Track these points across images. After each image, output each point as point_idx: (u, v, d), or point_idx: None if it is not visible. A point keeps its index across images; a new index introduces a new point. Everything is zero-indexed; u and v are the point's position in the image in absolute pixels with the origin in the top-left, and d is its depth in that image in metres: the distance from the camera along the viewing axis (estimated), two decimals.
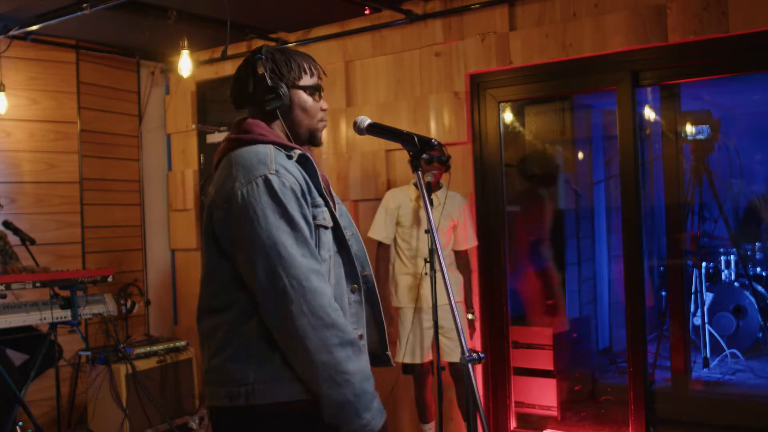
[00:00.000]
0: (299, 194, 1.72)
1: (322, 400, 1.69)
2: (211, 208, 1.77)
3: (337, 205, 1.93)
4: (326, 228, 1.80)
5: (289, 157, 1.78)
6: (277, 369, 1.72)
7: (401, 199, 3.86)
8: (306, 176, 1.78)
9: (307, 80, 1.89)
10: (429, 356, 3.80)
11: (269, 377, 1.72)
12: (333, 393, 1.67)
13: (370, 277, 1.98)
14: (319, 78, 1.94)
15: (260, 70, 1.83)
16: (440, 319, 3.56)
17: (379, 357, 2.01)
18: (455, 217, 3.80)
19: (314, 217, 1.76)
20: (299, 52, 1.93)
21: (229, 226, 1.72)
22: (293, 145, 1.84)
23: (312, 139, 1.92)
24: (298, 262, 1.66)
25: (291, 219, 1.68)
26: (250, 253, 1.68)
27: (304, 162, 1.81)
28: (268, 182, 1.68)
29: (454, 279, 3.83)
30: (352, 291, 1.86)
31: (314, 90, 1.90)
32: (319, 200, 1.79)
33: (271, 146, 1.78)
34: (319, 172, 1.85)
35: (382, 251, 3.91)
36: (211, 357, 1.79)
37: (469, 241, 3.89)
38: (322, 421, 1.72)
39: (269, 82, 1.83)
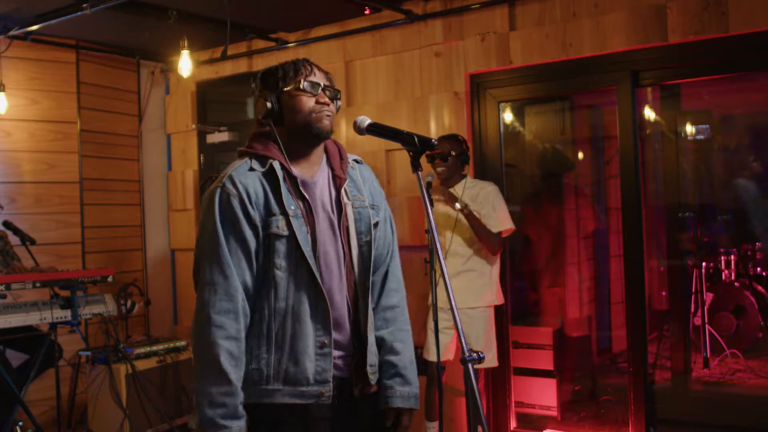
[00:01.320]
0: (237, 205, 1.86)
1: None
2: None
3: (352, 210, 2.00)
4: (280, 236, 1.87)
5: (252, 169, 1.91)
6: (248, 371, 1.89)
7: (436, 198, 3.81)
8: (267, 187, 1.89)
9: (292, 81, 1.95)
10: (445, 356, 3.76)
11: (246, 378, 1.89)
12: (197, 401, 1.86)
13: (378, 285, 2.06)
14: (313, 75, 1.96)
15: (254, 90, 2.01)
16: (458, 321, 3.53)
17: (359, 371, 2.02)
18: (477, 208, 3.66)
19: (267, 226, 1.87)
20: (294, 60, 2.01)
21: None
22: (273, 154, 1.93)
23: (311, 132, 1.95)
24: (202, 272, 1.87)
25: (214, 232, 1.86)
26: (194, 257, 1.94)
27: (270, 174, 1.92)
28: (212, 194, 1.90)
29: (475, 280, 3.68)
30: (318, 299, 1.90)
31: (300, 88, 1.94)
32: (276, 209, 1.88)
33: (246, 159, 1.95)
34: (301, 178, 1.93)
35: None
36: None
37: (495, 225, 3.64)
38: (280, 427, 1.89)
39: (258, 95, 1.98)
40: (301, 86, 1.93)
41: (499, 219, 3.65)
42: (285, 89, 1.94)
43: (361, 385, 1.99)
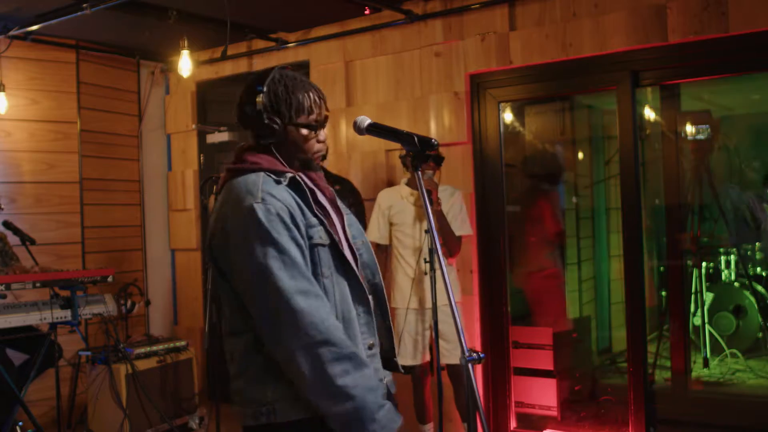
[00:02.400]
0: (287, 218, 1.78)
1: (327, 417, 1.74)
2: (211, 236, 1.87)
3: (345, 216, 2.00)
4: (323, 246, 1.85)
5: (278, 182, 1.84)
6: (292, 387, 1.78)
7: (393, 198, 3.85)
8: (298, 199, 1.84)
9: (304, 118, 1.91)
10: (426, 357, 3.79)
11: (286, 396, 1.79)
12: (334, 409, 1.72)
13: (380, 286, 2.05)
14: (321, 110, 1.94)
15: (259, 105, 1.89)
16: (439, 322, 3.55)
17: (388, 363, 2.05)
18: (446, 210, 3.74)
19: (310, 237, 1.82)
20: (305, 85, 1.93)
21: (225, 255, 1.82)
22: (285, 169, 1.88)
23: (308, 167, 1.96)
24: (285, 285, 1.72)
25: (276, 244, 1.74)
26: (244, 282, 1.78)
27: (295, 185, 1.86)
28: (253, 212, 1.76)
29: (453, 278, 3.81)
30: (360, 303, 1.90)
31: (312, 128, 1.92)
32: (313, 220, 1.85)
33: (261, 174, 1.84)
34: (316, 190, 1.91)
35: (379, 253, 3.91)
36: (233, 379, 1.89)
37: (458, 229, 3.75)
38: None
39: (265, 119, 1.88)
40: (313, 127, 1.92)
41: (465, 223, 3.82)
42: (296, 123, 1.90)
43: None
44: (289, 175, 1.86)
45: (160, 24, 4.32)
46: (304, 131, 1.91)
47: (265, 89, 1.90)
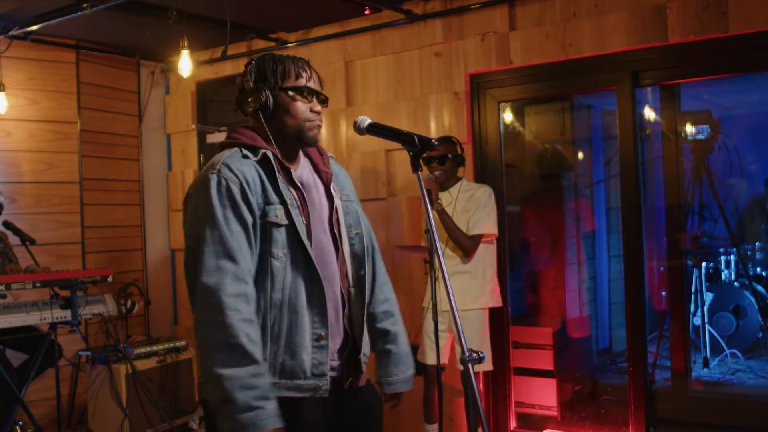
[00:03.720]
0: (236, 192, 1.80)
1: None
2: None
3: (342, 203, 2.00)
4: (279, 225, 1.84)
5: (246, 157, 1.86)
6: None
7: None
8: (263, 175, 1.85)
9: (291, 82, 1.92)
10: (443, 359, 3.75)
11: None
12: (206, 390, 1.74)
13: (364, 278, 2.02)
14: (312, 81, 1.96)
15: (248, 72, 1.93)
16: (453, 323, 3.55)
17: (353, 360, 2.02)
18: (465, 208, 3.67)
19: (265, 215, 1.82)
20: (293, 57, 1.96)
21: (185, 225, 1.89)
22: (262, 145, 1.90)
23: (300, 140, 1.95)
24: (206, 259, 1.76)
25: (214, 217, 1.77)
26: (186, 248, 1.85)
27: (265, 162, 1.88)
28: (206, 182, 1.81)
29: (469, 282, 3.69)
30: (313, 292, 1.87)
31: (299, 91, 1.92)
32: (274, 198, 1.84)
33: (235, 149, 1.88)
34: (293, 169, 1.92)
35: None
36: (197, 354, 1.98)
37: (472, 227, 3.65)
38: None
39: (251, 84, 1.91)
40: (300, 90, 1.92)
41: (480, 221, 3.64)
42: (283, 87, 1.91)
43: (351, 379, 1.98)
44: (263, 150, 1.88)
45: (160, 24, 4.32)
46: (291, 93, 1.91)
47: (252, 62, 1.95)
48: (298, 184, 1.92)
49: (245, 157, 1.86)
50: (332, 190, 2.01)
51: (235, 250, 1.76)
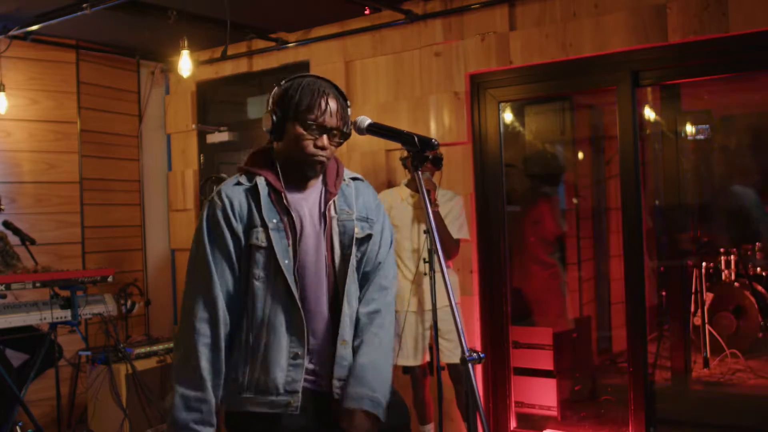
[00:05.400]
0: (221, 217, 1.95)
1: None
2: None
3: (339, 225, 2.03)
4: (259, 248, 1.94)
5: (239, 183, 1.99)
6: (226, 380, 1.99)
7: (392, 200, 3.81)
8: (250, 200, 1.97)
9: (303, 115, 1.95)
10: (426, 357, 3.78)
11: (225, 386, 2.01)
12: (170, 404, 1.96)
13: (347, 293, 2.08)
14: (326, 116, 1.96)
15: (269, 97, 2.03)
16: (438, 321, 3.55)
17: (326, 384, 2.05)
18: (444, 213, 3.73)
19: (248, 237, 1.95)
20: (318, 88, 1.97)
21: None
22: (257, 170, 2.01)
23: (301, 170, 2.01)
24: (189, 279, 1.97)
25: (201, 239, 1.95)
26: None
27: (254, 189, 1.98)
28: (204, 207, 2.00)
29: (452, 280, 3.81)
30: (290, 312, 1.94)
31: (306, 127, 1.95)
32: (257, 222, 1.94)
33: (237, 175, 2.03)
34: (285, 193, 1.98)
35: None
36: None
37: (456, 232, 3.72)
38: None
39: (269, 108, 2.00)
40: (307, 126, 1.95)
41: (463, 227, 3.80)
42: (294, 117, 1.96)
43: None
44: (257, 178, 1.99)
45: (160, 24, 4.32)
46: (301, 129, 1.95)
47: (282, 85, 2.01)
48: (288, 208, 1.97)
49: (239, 183, 2.00)
50: (329, 210, 2.03)
51: (211, 274, 1.92)
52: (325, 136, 1.97)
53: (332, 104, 1.97)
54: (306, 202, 2.01)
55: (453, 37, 4.24)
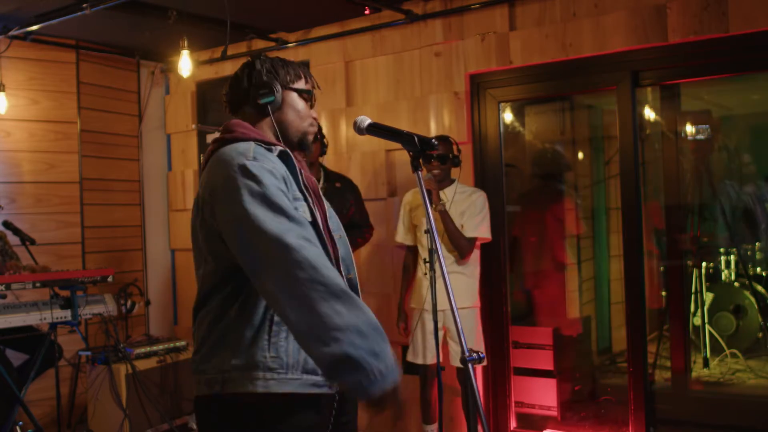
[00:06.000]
0: (278, 176, 1.74)
1: (317, 363, 1.63)
2: (200, 206, 1.81)
3: (327, 209, 1.98)
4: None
5: (269, 150, 1.82)
6: (252, 358, 1.74)
7: (412, 200, 3.87)
8: (286, 170, 1.82)
9: (301, 84, 1.96)
10: (434, 358, 3.76)
11: (245, 366, 1.74)
12: (323, 353, 1.56)
13: (355, 282, 2.02)
14: (313, 86, 2.01)
15: (257, 67, 1.93)
16: (449, 322, 3.57)
17: None
18: (462, 210, 3.69)
19: (294, 209, 1.76)
20: (295, 62, 2.01)
21: (216, 215, 1.74)
22: (275, 142, 1.88)
23: (301, 143, 1.97)
24: (272, 227, 1.63)
25: (264, 193, 1.67)
26: (232, 231, 1.70)
27: (284, 158, 1.85)
28: (244, 167, 1.71)
29: (464, 281, 3.73)
30: None
31: (307, 94, 1.96)
32: (299, 194, 1.83)
33: (251, 143, 1.82)
34: (302, 171, 1.89)
35: (406, 253, 3.98)
36: (197, 349, 1.85)
37: (467, 230, 3.68)
38: (292, 418, 1.75)
39: (264, 77, 1.91)
40: (307, 92, 1.96)
41: (477, 225, 3.69)
42: (293, 86, 1.95)
43: None
44: (279, 147, 1.86)
45: (160, 24, 4.32)
46: (299, 98, 1.95)
47: (260, 58, 1.96)
48: (308, 184, 1.91)
49: (269, 150, 1.81)
50: (320, 195, 2.00)
51: (295, 217, 1.68)
52: (313, 108, 2.00)
53: (311, 75, 2.02)
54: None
55: (453, 37, 4.24)
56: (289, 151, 1.87)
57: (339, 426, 1.95)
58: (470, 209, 3.71)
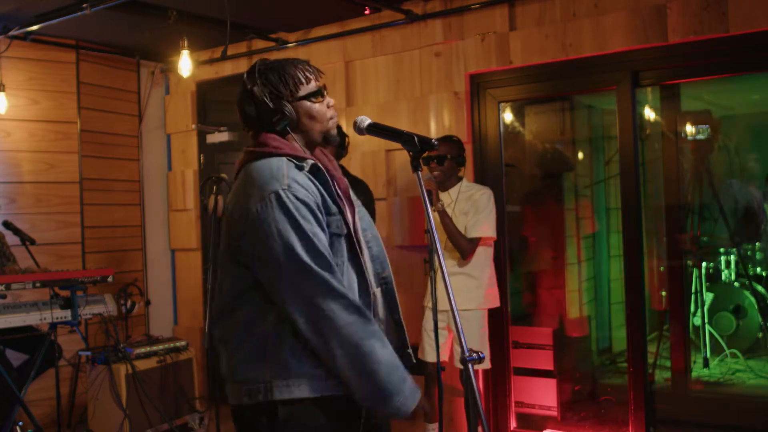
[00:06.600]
0: (313, 206, 1.78)
1: (354, 393, 1.78)
2: (230, 222, 1.85)
3: (357, 209, 2.01)
4: (339, 236, 1.85)
5: (300, 168, 1.83)
6: (293, 366, 1.78)
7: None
8: (319, 186, 1.84)
9: (305, 88, 1.92)
10: (442, 357, 3.76)
11: (286, 374, 1.78)
12: (363, 384, 1.76)
13: (389, 278, 2.04)
14: (317, 78, 1.96)
15: (259, 96, 1.89)
16: (453, 322, 3.56)
17: (400, 356, 2.01)
18: (464, 210, 3.67)
19: (329, 226, 1.82)
20: (291, 61, 1.94)
21: (247, 240, 1.79)
22: (307, 155, 1.89)
23: (326, 140, 1.97)
24: (313, 271, 1.74)
25: (303, 232, 1.75)
26: (268, 268, 1.77)
27: (315, 172, 1.86)
28: (279, 198, 1.75)
29: (469, 283, 3.69)
30: (363, 295, 1.89)
31: (316, 95, 1.92)
32: (333, 208, 1.85)
33: (284, 159, 1.83)
34: (334, 178, 1.91)
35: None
36: (229, 357, 1.86)
37: (470, 230, 3.64)
38: (340, 415, 1.81)
39: (271, 105, 1.88)
40: (316, 94, 1.92)
41: (479, 224, 3.63)
42: (299, 96, 1.90)
43: None
44: (311, 161, 1.86)
45: (160, 24, 4.32)
46: (310, 102, 1.91)
47: (257, 81, 1.90)
48: (340, 194, 1.92)
49: (299, 168, 1.83)
50: (351, 196, 2.01)
51: (329, 260, 1.78)
52: (327, 96, 1.96)
53: (308, 65, 1.96)
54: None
55: (453, 37, 4.24)
56: (320, 163, 1.89)
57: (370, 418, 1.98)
58: (472, 209, 3.67)
